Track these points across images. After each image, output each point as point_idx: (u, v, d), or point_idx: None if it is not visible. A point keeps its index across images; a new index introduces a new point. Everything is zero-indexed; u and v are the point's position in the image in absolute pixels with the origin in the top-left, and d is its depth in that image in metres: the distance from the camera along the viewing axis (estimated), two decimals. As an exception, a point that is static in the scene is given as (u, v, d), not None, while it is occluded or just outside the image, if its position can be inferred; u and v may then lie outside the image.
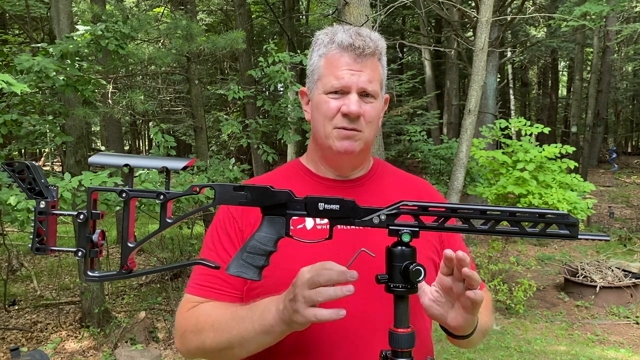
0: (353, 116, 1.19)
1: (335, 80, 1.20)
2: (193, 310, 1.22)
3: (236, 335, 1.10)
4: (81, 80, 4.47)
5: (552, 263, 7.81)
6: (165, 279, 6.36)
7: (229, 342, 1.11)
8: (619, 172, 16.77)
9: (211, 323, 1.15)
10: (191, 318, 1.21)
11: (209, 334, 1.14)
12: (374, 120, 1.24)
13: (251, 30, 14.70)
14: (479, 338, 1.27)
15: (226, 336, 1.11)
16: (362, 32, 1.23)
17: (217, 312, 1.17)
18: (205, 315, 1.18)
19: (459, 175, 5.39)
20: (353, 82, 1.19)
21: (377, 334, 1.15)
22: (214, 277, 1.23)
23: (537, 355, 4.80)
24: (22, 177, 0.91)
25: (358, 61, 1.20)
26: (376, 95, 1.23)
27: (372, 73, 1.21)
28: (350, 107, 1.18)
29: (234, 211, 1.27)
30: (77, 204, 3.71)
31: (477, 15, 5.98)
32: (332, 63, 1.22)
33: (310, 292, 0.94)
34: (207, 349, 1.16)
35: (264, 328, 1.05)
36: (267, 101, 5.48)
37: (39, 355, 4.10)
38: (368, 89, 1.20)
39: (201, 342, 1.16)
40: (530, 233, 0.96)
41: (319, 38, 1.27)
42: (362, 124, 1.21)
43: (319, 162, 1.32)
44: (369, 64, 1.21)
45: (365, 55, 1.20)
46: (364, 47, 1.20)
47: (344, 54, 1.20)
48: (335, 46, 1.21)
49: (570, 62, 21.04)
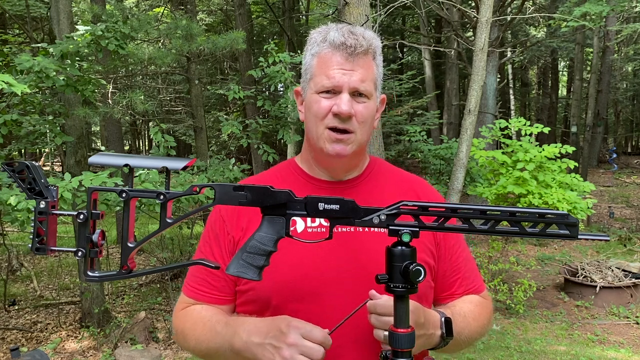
0: (344, 116, 1.17)
1: (326, 79, 1.18)
2: (184, 312, 1.28)
3: (212, 348, 1.17)
4: (81, 80, 4.47)
5: (552, 263, 7.81)
6: (165, 279, 6.36)
7: (208, 352, 1.20)
8: (619, 172, 16.77)
9: (193, 331, 1.22)
10: (181, 321, 1.27)
11: (191, 341, 1.22)
12: (367, 120, 1.21)
13: (251, 30, 14.70)
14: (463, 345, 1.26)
15: (205, 346, 1.19)
16: (355, 31, 1.20)
17: (200, 321, 1.23)
18: (191, 321, 1.24)
19: (459, 175, 5.38)
20: (344, 82, 1.17)
21: (365, 344, 1.15)
22: (203, 281, 1.27)
23: (537, 355, 4.80)
24: (22, 177, 0.91)
25: (350, 60, 1.17)
26: (369, 95, 1.20)
27: (364, 72, 1.19)
28: (341, 106, 1.16)
29: (225, 214, 1.27)
30: (77, 204, 3.71)
31: (477, 15, 5.98)
32: (324, 62, 1.19)
33: (301, 359, 1.00)
34: (193, 352, 1.25)
35: (232, 349, 1.11)
36: (267, 101, 5.47)
37: (39, 355, 4.10)
38: (360, 88, 1.18)
39: (188, 346, 1.25)
40: (530, 233, 0.96)
41: (312, 37, 1.25)
42: (355, 125, 1.19)
43: (313, 163, 1.30)
44: (362, 63, 1.18)
45: (358, 54, 1.18)
46: (356, 45, 1.17)
47: (336, 53, 1.18)
48: (327, 45, 1.19)
49: (570, 62, 21.04)
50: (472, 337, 1.26)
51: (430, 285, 1.28)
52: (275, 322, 1.05)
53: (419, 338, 1.05)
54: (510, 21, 10.24)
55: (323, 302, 1.16)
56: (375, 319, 1.05)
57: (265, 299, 1.18)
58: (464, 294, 1.33)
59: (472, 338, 1.27)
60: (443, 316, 1.14)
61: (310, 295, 1.16)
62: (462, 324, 1.20)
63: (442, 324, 1.13)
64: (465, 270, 1.33)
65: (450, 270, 1.32)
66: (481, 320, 1.30)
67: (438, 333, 1.12)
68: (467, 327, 1.23)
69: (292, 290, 1.16)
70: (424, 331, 1.08)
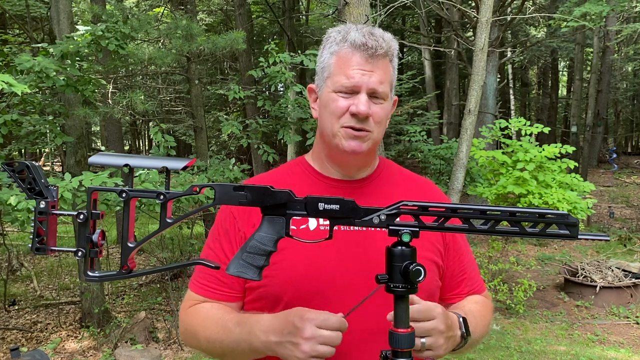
0: (362, 117, 1.18)
1: (345, 79, 1.19)
2: (192, 309, 1.26)
3: (228, 347, 1.17)
4: (81, 80, 4.48)
5: (552, 263, 7.81)
6: (165, 279, 6.35)
7: (223, 351, 1.19)
8: (619, 172, 16.77)
9: (204, 329, 1.21)
10: (190, 318, 1.26)
11: (202, 340, 1.21)
12: (382, 121, 1.23)
13: (251, 30, 14.70)
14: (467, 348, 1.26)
15: (219, 345, 1.18)
16: (375, 32, 1.21)
17: (211, 319, 1.21)
18: (200, 319, 1.23)
19: (459, 175, 5.38)
20: (363, 82, 1.18)
21: (377, 335, 1.15)
22: (213, 277, 1.25)
23: (537, 355, 4.79)
24: (22, 177, 0.91)
25: (370, 61, 1.18)
26: (385, 96, 1.21)
27: (382, 74, 1.20)
28: (360, 107, 1.17)
29: (235, 210, 1.27)
30: (77, 204, 3.71)
31: (477, 15, 5.98)
32: (344, 61, 1.20)
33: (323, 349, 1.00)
34: (207, 352, 1.24)
35: (252, 348, 1.11)
36: (267, 101, 5.46)
37: (39, 355, 4.10)
38: (378, 90, 1.19)
39: (198, 345, 1.24)
40: (530, 233, 0.96)
41: (331, 35, 1.25)
42: (371, 125, 1.20)
43: (325, 160, 1.31)
44: (381, 65, 1.19)
45: (377, 56, 1.18)
46: (377, 47, 1.18)
47: (356, 53, 1.19)
48: (348, 45, 1.20)
49: (570, 62, 21.03)
50: (481, 337, 1.29)
51: (438, 285, 1.30)
52: (288, 317, 1.05)
53: (448, 340, 1.07)
54: (510, 21, 10.24)
55: (333, 301, 1.16)
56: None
57: (275, 297, 1.18)
58: (469, 293, 1.37)
59: (481, 337, 1.29)
60: (459, 316, 1.16)
61: (320, 293, 1.16)
62: (474, 323, 1.21)
63: (461, 324, 1.14)
64: (470, 270, 1.37)
65: (458, 270, 1.34)
66: (486, 320, 1.33)
67: (459, 333, 1.13)
68: (477, 327, 1.24)
69: (303, 289, 1.17)
70: (452, 333, 1.09)
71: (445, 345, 1.06)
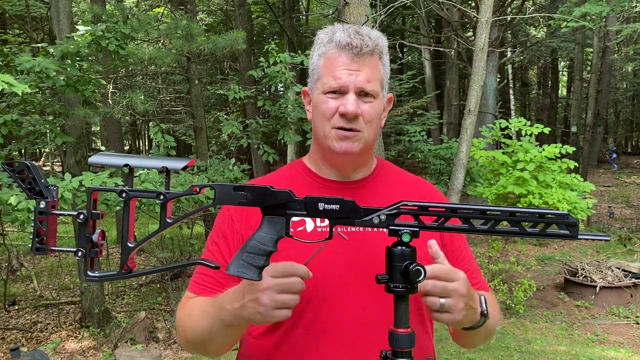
0: (350, 116, 1.18)
1: (332, 80, 1.19)
2: (184, 305, 1.28)
3: (205, 330, 1.15)
4: (81, 81, 4.48)
5: (552, 263, 7.81)
6: (165, 279, 6.35)
7: (202, 337, 1.17)
8: (619, 172, 16.77)
9: (189, 319, 1.21)
10: (180, 312, 1.27)
11: (189, 331, 1.20)
12: (374, 120, 1.22)
13: (251, 30, 14.70)
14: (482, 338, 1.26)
15: (199, 331, 1.17)
16: (361, 31, 1.21)
17: (195, 308, 1.21)
18: (187, 311, 1.23)
19: (459, 176, 5.38)
20: (350, 82, 1.18)
21: (377, 335, 1.15)
22: (210, 278, 1.26)
23: (537, 355, 4.79)
24: (22, 177, 0.91)
25: (356, 60, 1.18)
26: (376, 94, 1.21)
27: (370, 72, 1.20)
28: (347, 107, 1.17)
29: (234, 213, 1.27)
30: (77, 204, 3.71)
31: (477, 15, 5.98)
32: (331, 63, 1.21)
33: (283, 297, 0.99)
34: (190, 343, 1.22)
35: (222, 323, 1.09)
36: (267, 101, 5.47)
37: (39, 355, 4.10)
38: (366, 88, 1.19)
39: (184, 336, 1.23)
40: (530, 233, 0.96)
41: (319, 37, 1.26)
42: (361, 124, 1.20)
43: (321, 162, 1.31)
44: (368, 63, 1.19)
45: (364, 55, 1.19)
46: (362, 46, 1.18)
47: (342, 53, 1.19)
48: (334, 45, 1.20)
49: (570, 62, 21.03)
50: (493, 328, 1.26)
51: None
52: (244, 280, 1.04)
53: (468, 308, 1.05)
54: (510, 21, 10.24)
55: (333, 301, 1.16)
56: (433, 285, 1.02)
57: None
58: None
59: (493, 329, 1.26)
60: (480, 295, 1.15)
61: (320, 294, 1.17)
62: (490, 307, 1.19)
63: (482, 302, 1.13)
64: (472, 270, 1.36)
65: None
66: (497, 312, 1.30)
67: (479, 310, 1.12)
68: (493, 313, 1.22)
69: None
70: (472, 303, 1.08)
71: (464, 312, 1.04)
